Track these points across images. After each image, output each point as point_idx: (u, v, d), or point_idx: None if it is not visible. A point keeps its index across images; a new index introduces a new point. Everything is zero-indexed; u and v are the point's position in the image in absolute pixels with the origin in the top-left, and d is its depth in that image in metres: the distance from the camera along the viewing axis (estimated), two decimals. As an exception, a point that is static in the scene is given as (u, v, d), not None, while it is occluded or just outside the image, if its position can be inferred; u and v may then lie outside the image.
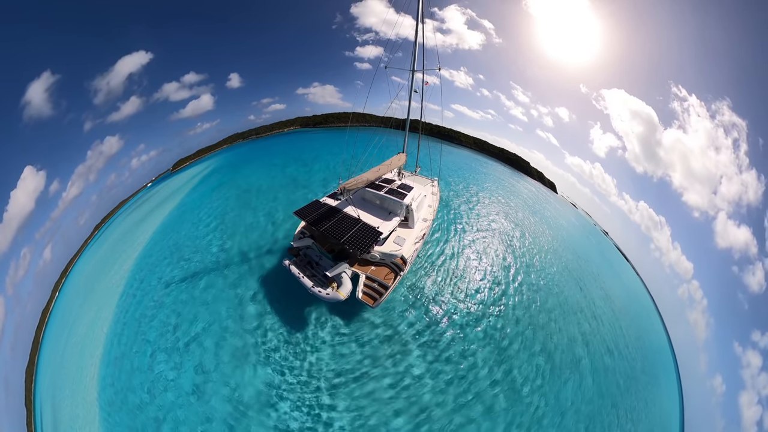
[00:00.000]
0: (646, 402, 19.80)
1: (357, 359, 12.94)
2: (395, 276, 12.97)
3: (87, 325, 17.89)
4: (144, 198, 38.88)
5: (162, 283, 17.89)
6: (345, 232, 12.31)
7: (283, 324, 14.10)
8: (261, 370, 12.50)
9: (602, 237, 46.90)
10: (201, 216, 24.25)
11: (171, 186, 39.11)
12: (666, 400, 24.15)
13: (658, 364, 27.37)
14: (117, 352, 15.20)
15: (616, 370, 18.96)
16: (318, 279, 12.51)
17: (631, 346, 23.08)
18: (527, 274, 21.18)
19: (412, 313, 15.26)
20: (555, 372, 15.68)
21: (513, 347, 15.63)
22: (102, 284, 20.95)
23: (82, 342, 17.07)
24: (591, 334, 20.02)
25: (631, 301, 33.10)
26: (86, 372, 15.15)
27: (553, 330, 18.16)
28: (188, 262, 18.84)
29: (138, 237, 25.24)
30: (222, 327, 14.23)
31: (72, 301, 22.44)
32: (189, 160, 47.63)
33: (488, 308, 17.24)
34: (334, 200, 15.13)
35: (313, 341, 13.37)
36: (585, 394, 15.74)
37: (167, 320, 15.27)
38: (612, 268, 37.35)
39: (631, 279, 38.83)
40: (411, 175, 21.00)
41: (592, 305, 23.29)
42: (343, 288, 11.93)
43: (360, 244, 11.84)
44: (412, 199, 15.31)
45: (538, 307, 18.94)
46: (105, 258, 25.47)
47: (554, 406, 14.15)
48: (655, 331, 32.06)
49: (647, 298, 37.05)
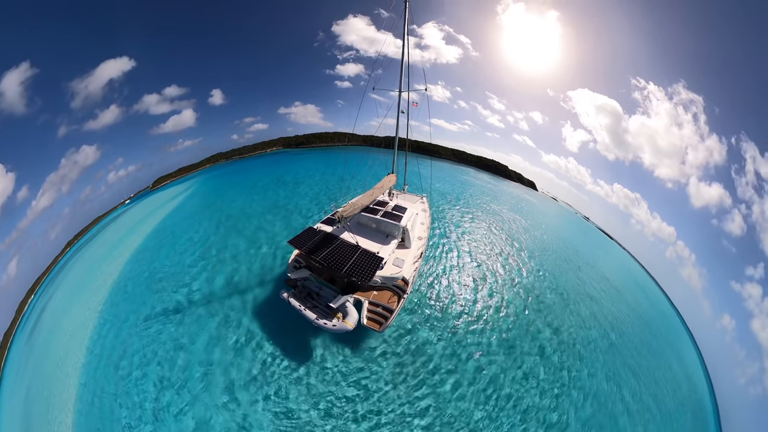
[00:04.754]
0: (667, 363, 20.55)
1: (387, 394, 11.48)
2: (399, 298, 12.62)
3: (55, 362, 14.69)
4: (121, 216, 36.27)
5: (140, 317, 15.26)
6: (345, 261, 11.64)
7: (288, 359, 12.31)
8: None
9: (584, 222, 50.74)
10: (183, 241, 22.35)
11: (150, 205, 36.84)
12: (684, 354, 25.08)
13: (665, 324, 28.56)
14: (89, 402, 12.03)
15: (627, 344, 19.34)
16: (320, 310, 11.79)
17: (635, 316, 24.21)
18: (526, 271, 21.67)
19: (428, 331, 14.31)
20: (571, 354, 15.82)
21: (527, 337, 15.55)
22: (73, 314, 17.97)
23: (49, 382, 13.83)
24: (596, 315, 20.48)
25: (624, 274, 35.03)
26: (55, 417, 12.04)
27: (564, 314, 18.56)
28: (171, 293, 16.58)
29: (115, 259, 22.83)
30: (214, 371, 12.04)
31: (40, 328, 19.21)
32: (170, 178, 45.87)
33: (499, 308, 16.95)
34: (328, 226, 14.70)
35: (334, 377, 11.74)
36: (604, 371, 15.76)
37: (147, 364, 12.56)
38: (601, 248, 40.04)
39: (619, 254, 42.06)
40: (400, 194, 20.91)
41: (591, 287, 24.31)
42: (349, 318, 11.37)
43: (363, 272, 11.22)
44: (408, 219, 15.23)
45: (542, 297, 19.14)
46: (77, 283, 22.66)
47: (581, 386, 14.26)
48: (653, 295, 33.97)
49: (638, 267, 40.04)
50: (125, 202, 40.09)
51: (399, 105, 16.55)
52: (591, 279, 26.20)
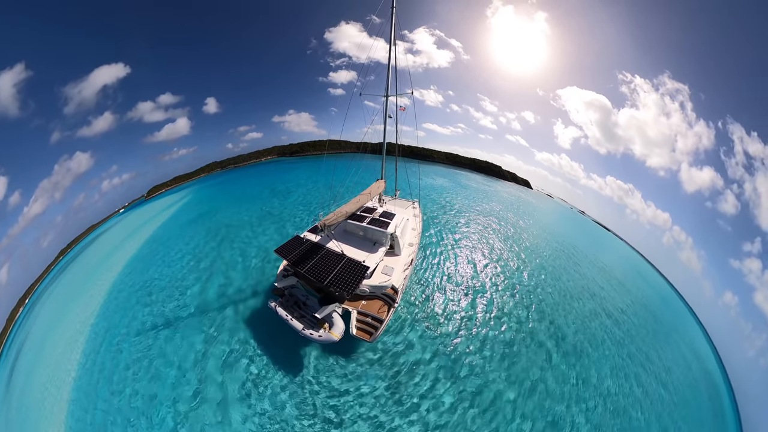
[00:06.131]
0: (675, 346, 20.55)
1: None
2: (389, 308, 12.22)
3: (47, 376, 14.10)
4: (115, 225, 35.53)
5: (132, 330, 14.90)
6: (329, 272, 11.29)
7: (280, 373, 11.93)
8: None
9: (580, 217, 51.49)
10: (177, 251, 21.88)
11: (145, 214, 36.13)
12: (691, 335, 25.19)
13: (668, 309, 28.67)
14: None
15: (634, 333, 19.16)
16: (307, 320, 11.55)
17: (639, 305, 24.32)
18: (526, 273, 21.31)
19: (424, 333, 14.00)
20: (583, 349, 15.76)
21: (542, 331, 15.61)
22: (65, 326, 17.26)
23: (39, 395, 13.17)
24: (600, 309, 20.21)
25: (624, 264, 35.32)
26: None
27: (567, 310, 18.33)
28: (163, 306, 16.21)
29: (108, 270, 22.19)
30: (205, 388, 11.53)
31: (32, 338, 18.36)
32: (164, 188, 45.19)
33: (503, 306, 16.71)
34: (315, 235, 14.18)
35: (327, 391, 11.35)
36: (614, 366, 15.59)
37: (138, 380, 12.09)
38: (598, 241, 40.46)
39: (617, 245, 42.50)
40: (391, 200, 20.55)
41: (592, 281, 24.35)
42: (335, 328, 11.13)
43: (346, 283, 10.89)
44: (396, 226, 14.75)
45: (544, 297, 18.90)
46: (70, 293, 21.92)
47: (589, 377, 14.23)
48: (654, 282, 34.19)
49: (637, 256, 40.41)
50: (119, 210, 39.43)
51: (386, 109, 16.27)
52: (591, 273, 26.14)
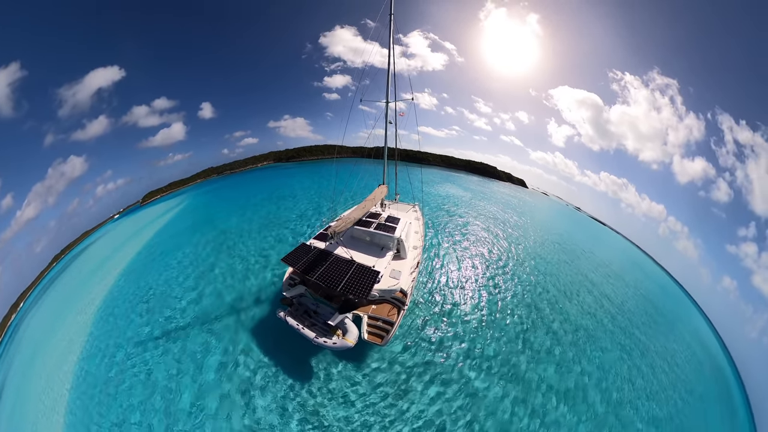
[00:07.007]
0: (677, 334, 20.63)
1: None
2: (398, 311, 12.38)
3: (41, 387, 13.35)
4: (110, 231, 34.88)
5: (130, 342, 14.10)
6: (341, 278, 11.31)
7: (289, 383, 11.37)
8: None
9: (576, 213, 51.93)
10: (175, 259, 21.25)
11: (140, 221, 35.57)
12: (693, 322, 25.25)
13: (668, 298, 28.76)
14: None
15: (636, 325, 19.17)
16: (319, 328, 11.40)
17: (639, 297, 24.49)
18: (524, 272, 21.27)
19: (434, 335, 13.81)
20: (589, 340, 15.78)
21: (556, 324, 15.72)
22: (60, 335, 16.58)
23: (34, 406, 12.42)
24: (602, 303, 20.20)
25: (621, 256, 35.70)
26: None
27: (570, 314, 18.01)
28: (160, 316, 15.52)
29: (103, 277, 21.53)
30: (207, 404, 10.80)
31: (22, 348, 17.73)
32: (160, 193, 44.42)
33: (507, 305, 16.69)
34: (322, 242, 14.08)
35: (343, 398, 10.95)
36: (616, 356, 15.59)
37: (135, 395, 11.36)
38: (595, 236, 40.83)
39: (614, 239, 43.01)
40: (392, 204, 20.62)
41: (592, 275, 24.52)
42: (349, 334, 11.03)
43: (358, 289, 10.94)
44: (401, 230, 14.93)
45: (545, 296, 18.83)
46: (65, 300, 21.26)
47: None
48: (653, 272, 34.37)
49: (634, 248, 40.91)
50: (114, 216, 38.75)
51: (387, 116, 16.46)
52: (590, 268, 26.28)
